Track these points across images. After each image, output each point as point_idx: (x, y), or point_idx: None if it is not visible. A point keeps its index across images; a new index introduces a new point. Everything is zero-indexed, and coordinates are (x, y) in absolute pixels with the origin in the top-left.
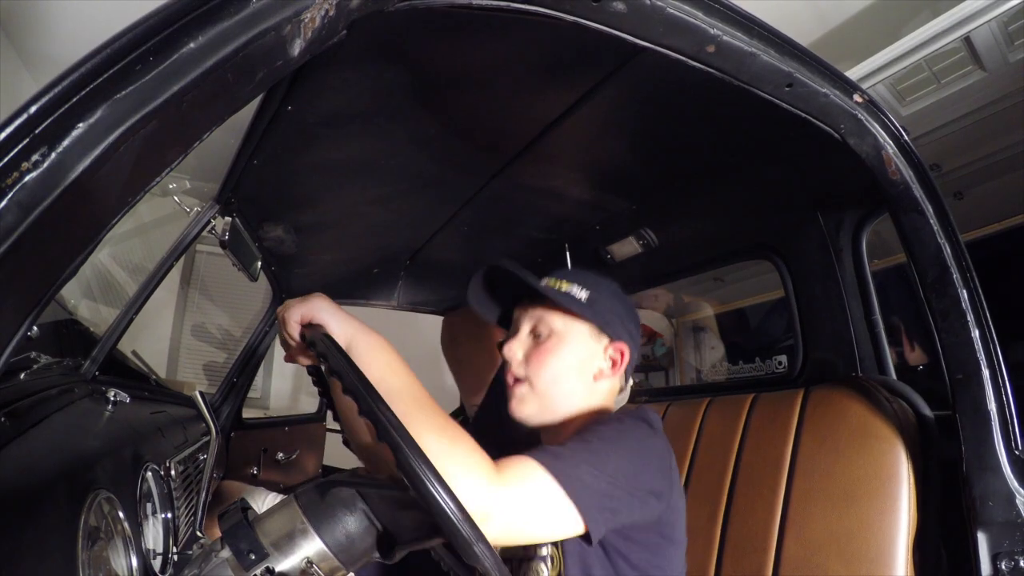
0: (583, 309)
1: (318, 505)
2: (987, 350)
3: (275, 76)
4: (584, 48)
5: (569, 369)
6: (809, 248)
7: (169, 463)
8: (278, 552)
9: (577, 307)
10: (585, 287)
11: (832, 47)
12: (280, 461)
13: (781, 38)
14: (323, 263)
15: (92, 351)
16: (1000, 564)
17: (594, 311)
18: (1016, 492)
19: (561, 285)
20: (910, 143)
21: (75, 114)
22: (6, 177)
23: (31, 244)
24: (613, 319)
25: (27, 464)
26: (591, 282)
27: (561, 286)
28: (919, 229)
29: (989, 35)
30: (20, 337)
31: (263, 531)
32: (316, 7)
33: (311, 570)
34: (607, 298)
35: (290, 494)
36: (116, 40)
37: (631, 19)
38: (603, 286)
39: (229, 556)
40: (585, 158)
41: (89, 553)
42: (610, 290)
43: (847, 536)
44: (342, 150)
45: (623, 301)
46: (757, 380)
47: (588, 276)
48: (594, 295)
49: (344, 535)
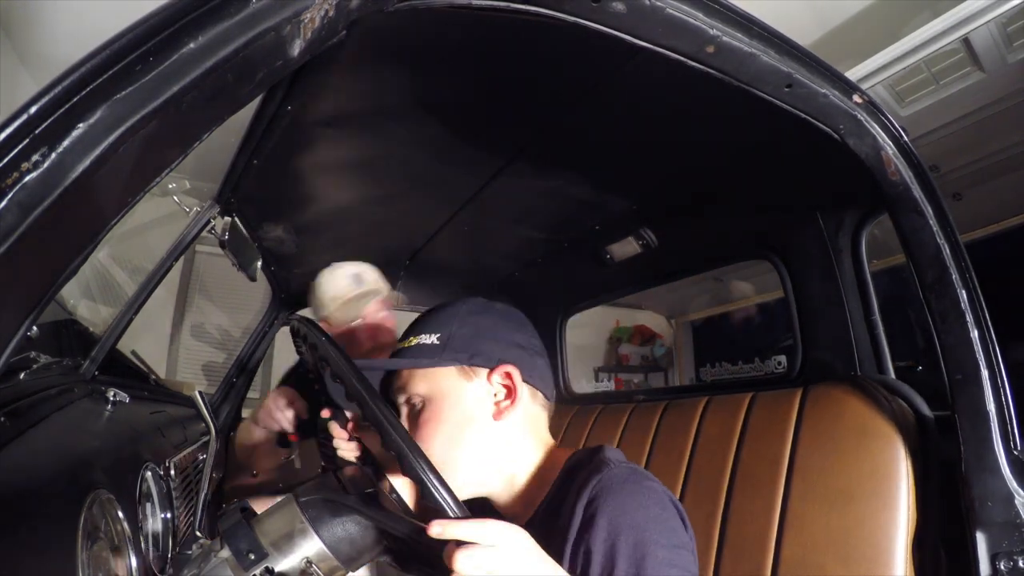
0: (435, 355)
1: (318, 505)
2: (986, 351)
3: (275, 76)
4: (584, 48)
5: (457, 427)
6: (809, 248)
7: (169, 463)
8: (277, 552)
9: (427, 358)
10: (436, 328)
11: (831, 48)
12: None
13: (781, 38)
14: (323, 263)
15: (92, 351)
16: (999, 564)
17: (451, 349)
18: (1015, 492)
19: (411, 341)
20: (910, 144)
21: (75, 114)
22: (6, 177)
23: (31, 244)
24: (480, 344)
25: (27, 464)
26: (443, 318)
27: (411, 342)
28: (918, 230)
29: (988, 36)
30: (20, 337)
31: (262, 531)
32: (316, 7)
33: (311, 570)
34: (464, 324)
35: (289, 494)
36: (116, 40)
37: (631, 19)
38: (457, 314)
39: (228, 556)
40: (585, 158)
41: (89, 553)
42: (466, 311)
43: (846, 536)
44: (342, 150)
45: (489, 314)
46: (756, 380)
47: (440, 312)
48: (446, 331)
49: (344, 535)
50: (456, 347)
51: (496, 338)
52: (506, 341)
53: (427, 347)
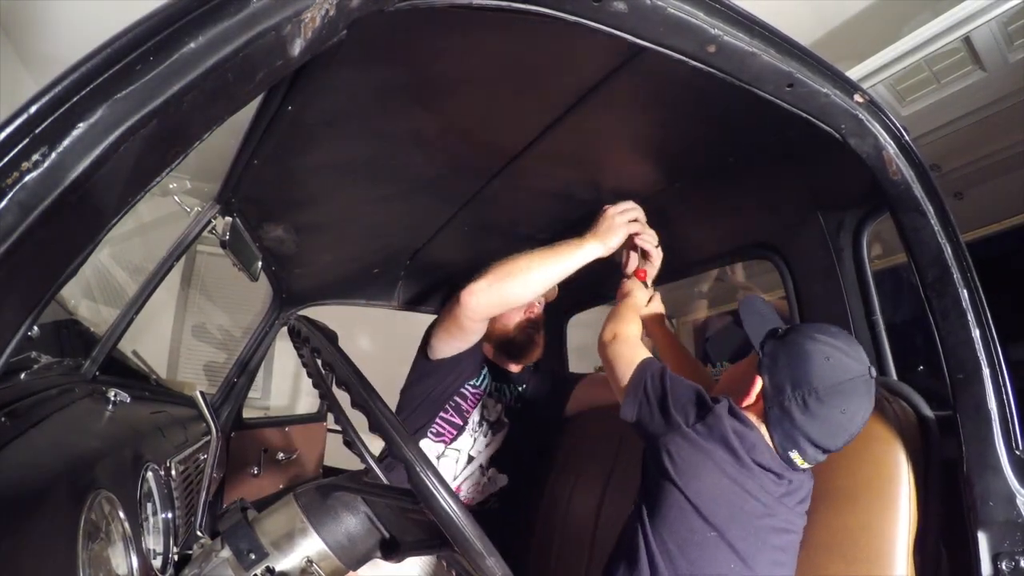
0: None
1: (318, 505)
2: (987, 350)
3: (275, 76)
4: (584, 48)
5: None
6: (810, 248)
7: (169, 463)
8: (278, 551)
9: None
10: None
11: (832, 47)
12: (280, 461)
13: (782, 38)
14: (323, 263)
15: (92, 351)
16: (1000, 564)
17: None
18: (1016, 492)
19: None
20: (911, 143)
21: (75, 114)
22: (6, 177)
23: (31, 244)
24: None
25: (27, 464)
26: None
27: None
28: (920, 229)
29: (989, 35)
30: (20, 337)
31: (263, 530)
32: (316, 7)
33: (311, 569)
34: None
35: (289, 494)
36: (116, 40)
37: (631, 19)
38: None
39: (229, 556)
40: (585, 158)
41: (89, 553)
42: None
43: (847, 536)
44: (342, 150)
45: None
46: None
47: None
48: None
49: (345, 535)
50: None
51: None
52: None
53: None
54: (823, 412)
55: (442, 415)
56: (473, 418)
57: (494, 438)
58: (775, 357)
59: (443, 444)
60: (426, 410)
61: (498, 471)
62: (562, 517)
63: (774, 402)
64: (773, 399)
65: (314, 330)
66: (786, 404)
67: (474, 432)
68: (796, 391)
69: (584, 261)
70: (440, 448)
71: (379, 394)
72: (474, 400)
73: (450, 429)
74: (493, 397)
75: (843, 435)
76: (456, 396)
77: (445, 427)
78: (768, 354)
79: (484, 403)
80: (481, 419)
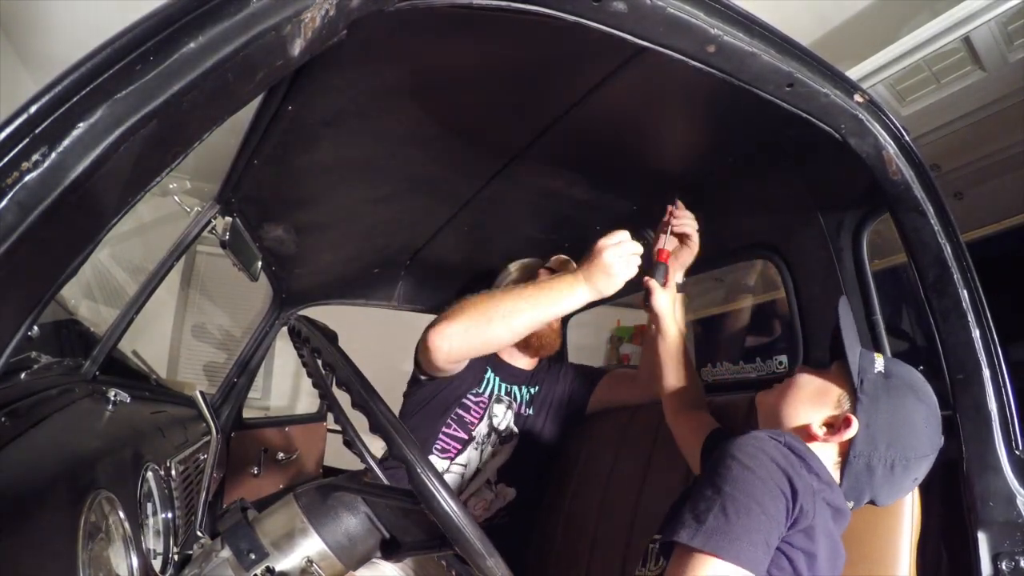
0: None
1: (319, 505)
2: (988, 350)
3: (275, 76)
4: (584, 48)
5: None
6: (809, 248)
7: (170, 463)
8: (278, 551)
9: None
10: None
11: (832, 47)
12: (280, 461)
13: (782, 38)
14: (323, 263)
15: (92, 351)
16: (1000, 564)
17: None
18: (1017, 492)
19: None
20: (911, 143)
21: (75, 114)
22: (6, 177)
23: (31, 244)
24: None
25: (27, 464)
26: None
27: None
28: (920, 229)
29: (989, 35)
30: (20, 337)
31: (263, 531)
32: (316, 7)
33: (311, 569)
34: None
35: (289, 494)
36: (116, 40)
37: (631, 19)
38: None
39: (229, 556)
40: (585, 158)
41: (89, 553)
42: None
43: (848, 536)
44: (342, 150)
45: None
46: (757, 380)
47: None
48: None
49: (345, 535)
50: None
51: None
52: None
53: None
54: (903, 479)
55: (445, 430)
56: (480, 430)
57: (502, 449)
58: (877, 403)
59: (448, 460)
60: (428, 424)
61: (506, 485)
62: (564, 519)
63: (862, 454)
64: (863, 451)
65: (314, 330)
66: (874, 462)
67: (480, 445)
68: (891, 451)
69: (577, 306)
70: (444, 464)
71: (379, 394)
72: (478, 411)
73: (455, 444)
74: (502, 403)
75: (901, 497)
76: (458, 408)
77: (450, 442)
78: (870, 395)
79: (491, 411)
80: (489, 431)
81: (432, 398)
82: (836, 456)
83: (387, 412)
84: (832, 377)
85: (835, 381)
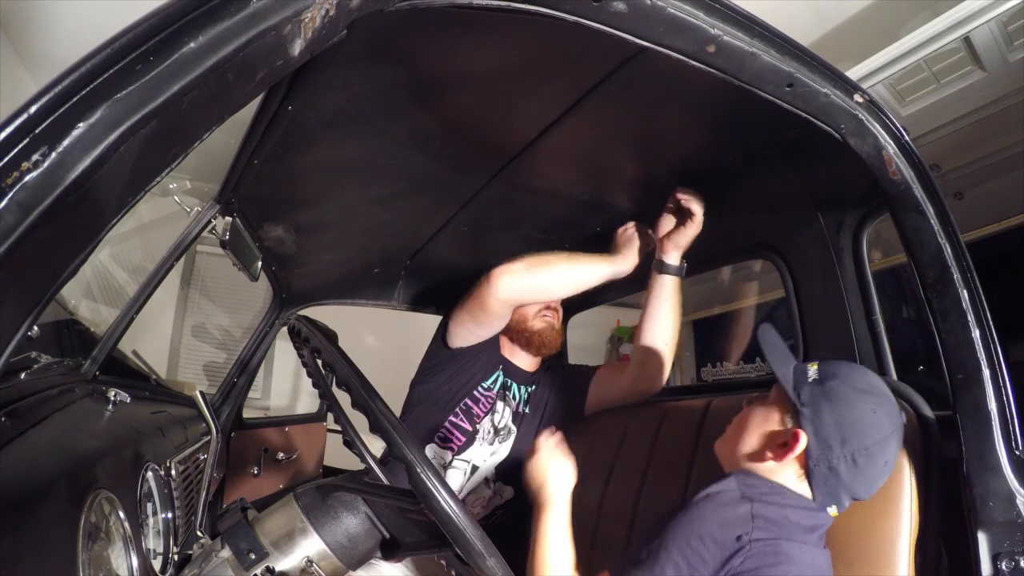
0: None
1: (319, 505)
2: (987, 350)
3: (275, 76)
4: (584, 48)
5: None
6: (809, 248)
7: (170, 463)
8: (278, 551)
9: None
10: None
11: (832, 47)
12: (280, 461)
13: (782, 38)
14: (323, 263)
15: (92, 351)
16: (1000, 564)
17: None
18: (1017, 492)
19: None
20: (911, 143)
21: (75, 114)
22: (6, 177)
23: (31, 244)
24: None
25: (27, 464)
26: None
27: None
28: (920, 229)
29: (988, 35)
30: (20, 337)
31: (263, 530)
32: (316, 7)
33: (311, 569)
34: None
35: (289, 494)
36: (116, 40)
37: (631, 19)
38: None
39: (229, 556)
40: (585, 158)
41: (89, 553)
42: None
43: (848, 537)
44: (342, 150)
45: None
46: (757, 380)
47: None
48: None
49: (345, 535)
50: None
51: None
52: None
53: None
54: (870, 467)
55: (452, 419)
56: (484, 425)
57: (500, 447)
58: (819, 410)
59: (450, 452)
60: (435, 411)
61: (503, 484)
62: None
63: (821, 460)
64: (820, 457)
65: (314, 330)
66: (835, 463)
67: (483, 441)
68: (846, 448)
69: (604, 279)
70: (448, 456)
71: (379, 394)
72: (486, 404)
73: (459, 435)
74: (504, 400)
75: (880, 483)
76: (467, 399)
77: (454, 432)
78: (809, 405)
79: (495, 408)
80: (492, 427)
81: (446, 382)
82: (799, 469)
83: (387, 412)
84: (772, 401)
85: (775, 403)
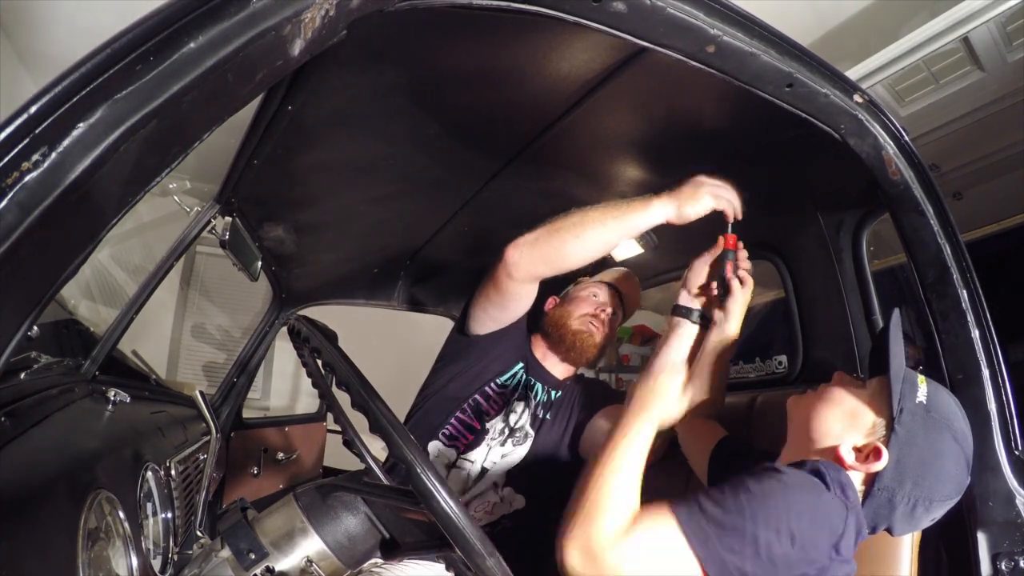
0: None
1: (318, 505)
2: (987, 350)
3: (275, 76)
4: (584, 48)
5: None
6: (809, 248)
7: (169, 463)
8: (278, 551)
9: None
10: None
11: (831, 47)
12: (280, 461)
13: (781, 38)
14: (323, 263)
15: (92, 351)
16: (1000, 564)
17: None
18: (1016, 492)
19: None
20: (910, 143)
21: (75, 114)
22: (6, 177)
23: (31, 244)
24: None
25: (27, 464)
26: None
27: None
28: (919, 229)
29: (987, 35)
30: (20, 337)
31: (263, 530)
32: (316, 7)
33: (311, 569)
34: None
35: (289, 494)
36: (116, 40)
37: (631, 19)
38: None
39: (229, 556)
40: (585, 158)
41: (89, 553)
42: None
43: None
44: (342, 150)
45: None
46: (757, 380)
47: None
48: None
49: (345, 535)
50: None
51: None
52: None
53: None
54: (922, 518)
55: (459, 415)
56: (495, 424)
57: (515, 450)
58: (913, 438)
59: (455, 451)
60: (444, 405)
61: (515, 491)
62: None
63: (887, 489)
64: (888, 485)
65: (314, 330)
66: (897, 499)
67: (492, 442)
68: (916, 490)
69: (651, 223)
70: (452, 455)
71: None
72: (498, 401)
73: (465, 433)
74: (523, 400)
75: (914, 532)
76: (477, 394)
77: (460, 429)
78: (906, 427)
79: (512, 407)
80: (504, 428)
81: (460, 374)
82: (860, 483)
83: (387, 412)
84: (869, 398)
85: (872, 404)
